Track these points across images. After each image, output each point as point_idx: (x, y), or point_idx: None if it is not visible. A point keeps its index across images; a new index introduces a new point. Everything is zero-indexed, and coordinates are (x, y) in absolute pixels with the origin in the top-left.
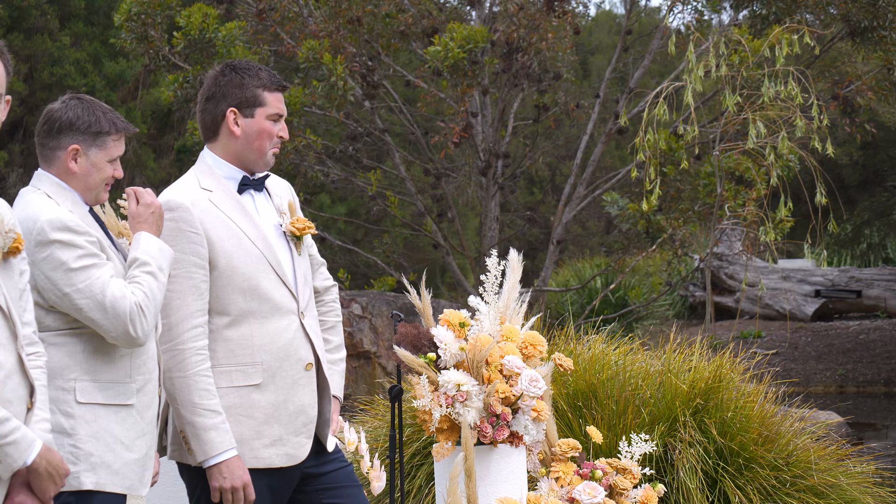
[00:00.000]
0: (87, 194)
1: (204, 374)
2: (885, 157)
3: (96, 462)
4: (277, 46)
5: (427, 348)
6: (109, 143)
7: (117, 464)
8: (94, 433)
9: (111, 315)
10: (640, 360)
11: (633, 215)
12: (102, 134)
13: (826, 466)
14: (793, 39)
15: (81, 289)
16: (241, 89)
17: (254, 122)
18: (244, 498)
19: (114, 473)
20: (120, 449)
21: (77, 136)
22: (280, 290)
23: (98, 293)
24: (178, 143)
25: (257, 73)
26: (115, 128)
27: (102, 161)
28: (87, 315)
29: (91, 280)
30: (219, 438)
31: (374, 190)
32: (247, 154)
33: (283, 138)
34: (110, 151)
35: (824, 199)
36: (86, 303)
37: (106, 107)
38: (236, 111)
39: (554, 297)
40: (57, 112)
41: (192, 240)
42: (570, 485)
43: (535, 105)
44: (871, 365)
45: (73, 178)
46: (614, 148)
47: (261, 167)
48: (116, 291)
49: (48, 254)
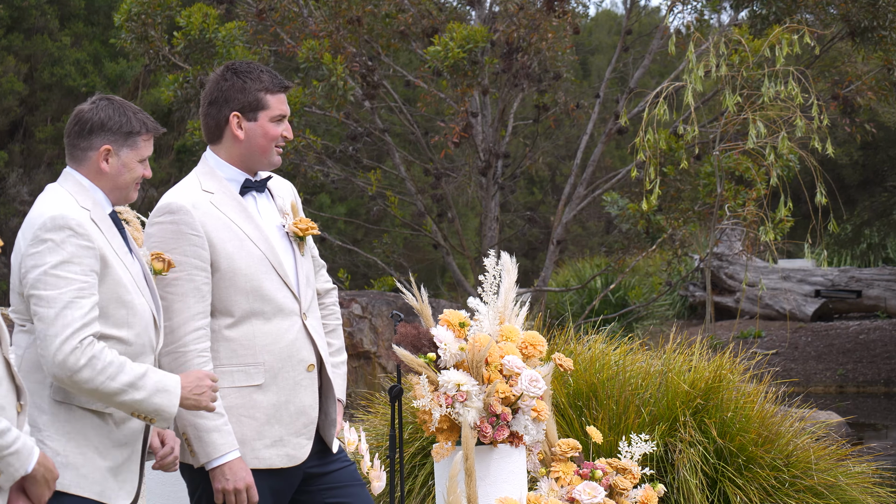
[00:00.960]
0: (116, 193)
1: None
2: (885, 157)
3: (62, 462)
4: (277, 46)
5: (427, 348)
6: (140, 143)
7: (86, 468)
8: (67, 433)
9: (55, 341)
10: (640, 360)
11: (632, 215)
12: (134, 134)
13: (826, 466)
14: (793, 39)
15: (45, 296)
16: (243, 93)
17: (257, 125)
18: (247, 499)
19: (81, 477)
20: (91, 453)
21: (109, 137)
22: (282, 291)
23: (56, 308)
24: (178, 143)
25: (259, 76)
26: (146, 128)
27: (133, 161)
28: (38, 326)
29: (60, 293)
30: (221, 440)
31: (374, 190)
32: (251, 157)
33: (286, 138)
34: (141, 151)
35: (824, 199)
36: (44, 312)
37: (136, 107)
38: (239, 115)
39: (554, 297)
40: (88, 113)
41: (194, 242)
42: (570, 485)
43: (535, 105)
44: (871, 365)
45: (102, 178)
46: (614, 148)
47: (266, 168)
48: (76, 321)
49: (38, 250)
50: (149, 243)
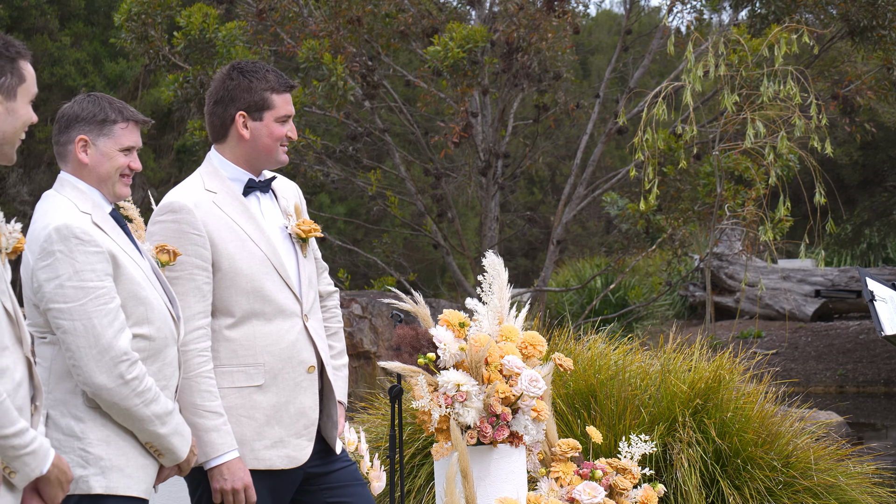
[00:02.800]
0: (104, 188)
1: (206, 375)
2: (885, 157)
3: (106, 466)
4: (277, 46)
5: (426, 349)
6: (117, 130)
7: (130, 467)
8: (105, 437)
9: (91, 352)
10: (640, 360)
11: (632, 215)
12: (108, 122)
13: (826, 466)
14: (791, 39)
15: (67, 309)
16: (249, 93)
17: (262, 125)
18: (245, 499)
19: (127, 477)
20: (133, 453)
21: (83, 127)
22: (283, 292)
23: (82, 320)
24: (178, 143)
25: (265, 76)
26: (122, 116)
27: (112, 150)
28: (65, 339)
29: (81, 304)
30: (220, 440)
31: (374, 190)
32: (256, 156)
33: (291, 138)
34: (119, 140)
35: (823, 199)
36: (69, 325)
37: (115, 99)
38: (245, 115)
39: (554, 297)
40: (66, 109)
41: (195, 242)
42: (570, 485)
43: (535, 105)
44: (871, 365)
45: (86, 172)
46: (614, 148)
47: (273, 166)
48: (108, 331)
49: (48, 263)
50: (151, 242)
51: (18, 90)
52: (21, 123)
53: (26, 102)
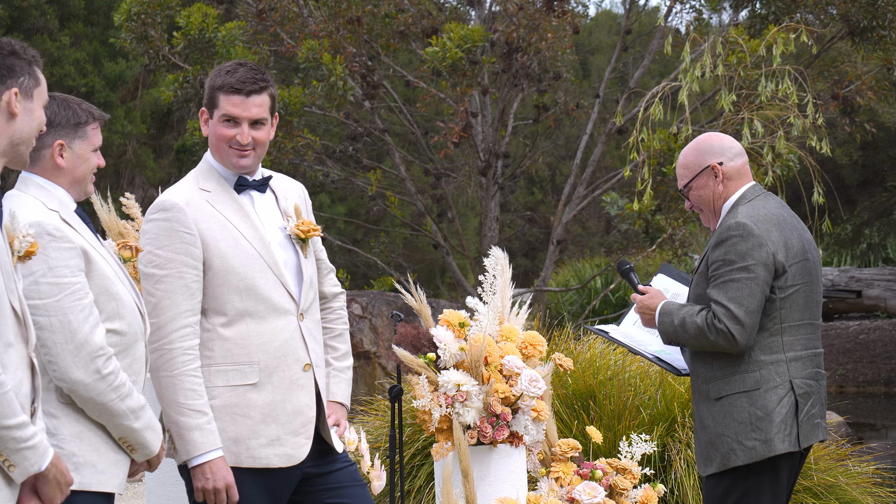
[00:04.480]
0: (75, 188)
1: (191, 374)
2: (885, 157)
3: (79, 462)
4: (277, 46)
5: (427, 348)
6: (90, 132)
7: (103, 463)
8: (78, 433)
9: (67, 347)
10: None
11: (631, 215)
12: (82, 124)
13: (825, 466)
14: (789, 38)
15: (42, 305)
16: (207, 90)
17: (213, 122)
18: (227, 499)
19: (100, 473)
20: (105, 448)
21: (59, 132)
22: (277, 290)
23: (58, 315)
24: (178, 143)
25: (221, 73)
26: (93, 117)
27: (87, 151)
28: (41, 335)
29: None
30: (202, 439)
31: (373, 190)
32: (217, 155)
33: (241, 144)
34: (92, 141)
35: (822, 199)
36: (45, 321)
37: (77, 99)
38: (206, 111)
39: (554, 297)
40: None
41: (185, 240)
42: (570, 485)
43: (535, 105)
44: (871, 365)
45: (60, 175)
46: (614, 148)
47: (232, 169)
48: (85, 327)
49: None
50: (143, 240)
51: (35, 92)
52: (36, 125)
53: (41, 105)
